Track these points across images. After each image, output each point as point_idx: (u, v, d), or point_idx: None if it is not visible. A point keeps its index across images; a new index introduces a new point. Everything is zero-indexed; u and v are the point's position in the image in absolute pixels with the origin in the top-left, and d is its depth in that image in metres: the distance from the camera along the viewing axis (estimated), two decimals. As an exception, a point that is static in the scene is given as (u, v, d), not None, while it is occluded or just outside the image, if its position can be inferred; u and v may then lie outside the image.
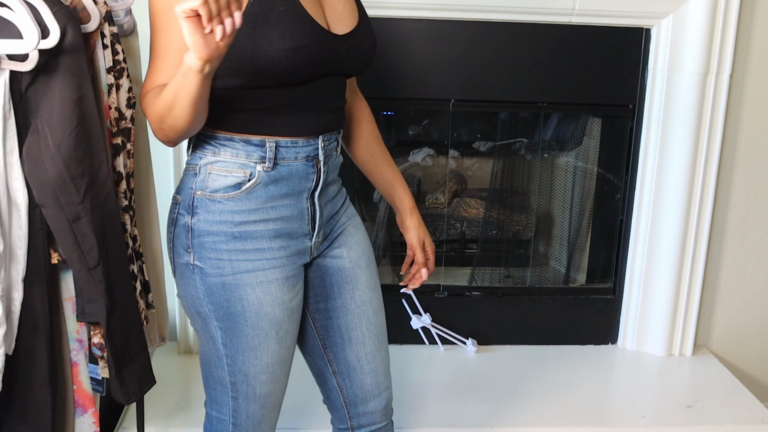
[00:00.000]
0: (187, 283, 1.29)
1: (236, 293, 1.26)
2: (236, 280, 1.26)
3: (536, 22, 2.16)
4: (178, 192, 1.31)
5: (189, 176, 1.29)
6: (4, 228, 1.31)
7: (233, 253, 1.25)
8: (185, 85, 1.09)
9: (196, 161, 1.28)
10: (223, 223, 1.24)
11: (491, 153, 2.54)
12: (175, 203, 1.31)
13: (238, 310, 1.27)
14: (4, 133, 1.27)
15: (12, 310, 1.34)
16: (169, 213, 1.32)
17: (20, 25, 1.20)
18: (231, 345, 1.31)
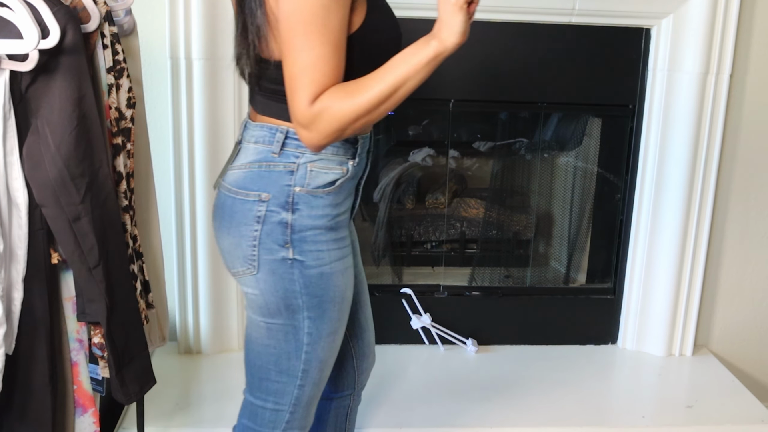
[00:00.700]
0: (280, 278, 1.29)
1: (331, 281, 1.30)
2: (332, 269, 1.30)
3: (536, 22, 2.16)
4: (263, 189, 1.26)
5: (281, 174, 1.25)
6: (4, 228, 1.31)
7: (330, 243, 1.29)
8: (423, 72, 1.16)
9: (292, 159, 1.25)
10: (324, 216, 1.27)
11: (491, 153, 2.54)
12: (260, 200, 1.26)
13: (331, 297, 1.31)
14: (4, 133, 1.27)
15: (12, 310, 1.35)
16: (244, 211, 1.27)
17: (20, 25, 1.20)
18: (316, 333, 1.33)
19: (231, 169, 1.30)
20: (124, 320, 1.46)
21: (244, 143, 1.30)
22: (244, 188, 1.26)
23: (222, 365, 2.23)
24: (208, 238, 2.20)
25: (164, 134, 2.13)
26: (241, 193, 1.27)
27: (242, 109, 2.16)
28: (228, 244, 1.31)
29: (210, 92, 2.10)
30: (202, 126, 2.11)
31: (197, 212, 2.18)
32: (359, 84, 1.14)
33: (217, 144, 2.14)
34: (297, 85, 1.12)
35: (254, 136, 1.28)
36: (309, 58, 1.11)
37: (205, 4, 2.03)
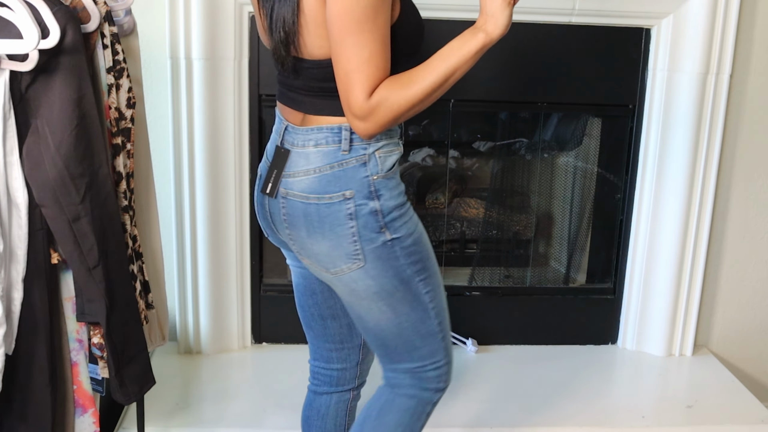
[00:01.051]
0: (387, 260, 1.35)
1: (422, 241, 1.39)
2: (419, 232, 1.39)
3: (536, 22, 2.16)
4: (344, 188, 1.30)
5: (356, 168, 1.30)
6: (4, 228, 1.31)
7: (409, 213, 1.37)
8: (470, 63, 1.28)
9: (362, 152, 1.30)
10: (400, 194, 1.35)
11: (491, 153, 2.53)
12: (346, 199, 1.30)
13: (428, 254, 1.40)
14: (4, 133, 1.27)
15: (12, 310, 1.35)
16: (334, 213, 1.31)
17: (20, 25, 1.20)
18: (431, 288, 1.40)
19: (294, 176, 1.32)
20: (123, 320, 1.46)
21: (298, 149, 1.32)
22: (324, 192, 1.30)
23: (222, 365, 2.23)
24: (208, 238, 2.20)
25: (164, 134, 2.13)
26: (324, 198, 1.30)
27: (242, 109, 2.16)
28: (326, 248, 1.34)
29: (210, 92, 2.10)
30: (202, 126, 2.11)
31: (197, 212, 2.18)
32: (411, 75, 1.22)
33: (217, 144, 2.14)
34: (353, 80, 1.18)
35: (313, 139, 1.31)
36: (363, 54, 1.17)
37: (205, 4, 2.03)
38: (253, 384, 2.14)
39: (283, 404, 2.01)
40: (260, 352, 2.32)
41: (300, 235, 1.35)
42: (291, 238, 1.37)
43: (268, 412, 1.98)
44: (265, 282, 2.35)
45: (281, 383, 2.12)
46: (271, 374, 2.18)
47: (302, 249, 1.37)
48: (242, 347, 2.33)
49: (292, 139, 1.34)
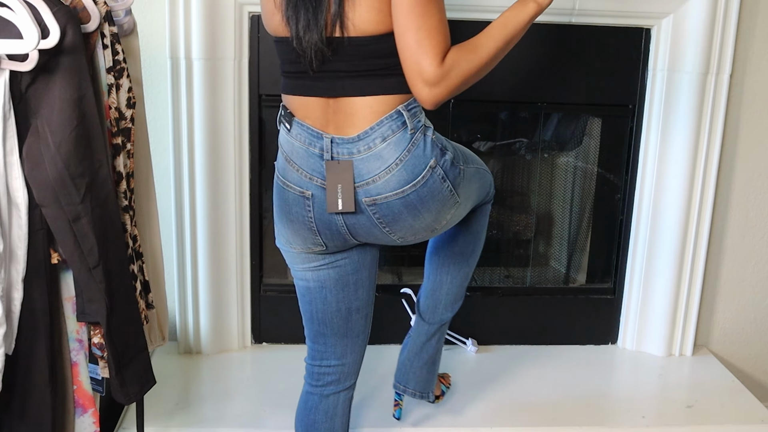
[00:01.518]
0: (466, 183, 1.48)
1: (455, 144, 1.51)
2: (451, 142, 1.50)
3: (536, 22, 2.15)
4: (428, 161, 1.36)
5: (423, 140, 1.36)
6: (4, 228, 1.31)
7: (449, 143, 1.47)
8: (523, 32, 1.37)
9: (418, 124, 1.36)
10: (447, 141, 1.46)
11: (491, 153, 2.53)
12: (432, 168, 1.37)
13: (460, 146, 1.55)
14: (4, 133, 1.27)
15: (12, 310, 1.35)
16: (432, 184, 1.38)
17: (20, 25, 1.20)
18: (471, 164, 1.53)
19: (375, 181, 1.35)
20: (123, 320, 1.46)
21: (363, 154, 1.34)
22: (415, 177, 1.35)
23: (222, 365, 2.23)
24: (208, 238, 2.20)
25: (164, 134, 2.13)
26: (418, 181, 1.36)
27: (242, 109, 2.16)
28: (433, 216, 1.42)
29: (210, 92, 2.10)
30: (202, 126, 2.11)
31: (197, 212, 2.18)
32: (476, 42, 1.31)
33: (217, 144, 2.14)
34: (426, 47, 1.24)
35: (378, 136, 1.33)
36: (433, 22, 1.25)
37: (205, 4, 2.03)
38: (253, 384, 2.14)
39: (283, 404, 2.01)
40: (260, 352, 2.32)
41: (405, 224, 1.40)
42: (389, 233, 1.42)
43: (268, 412, 1.98)
44: (265, 282, 2.35)
45: (281, 383, 2.12)
46: (271, 374, 2.18)
47: (407, 233, 1.42)
48: (242, 347, 2.33)
49: (349, 148, 1.34)
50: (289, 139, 1.42)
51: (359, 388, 2.09)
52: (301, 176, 1.40)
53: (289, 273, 2.46)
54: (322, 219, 1.41)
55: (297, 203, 1.42)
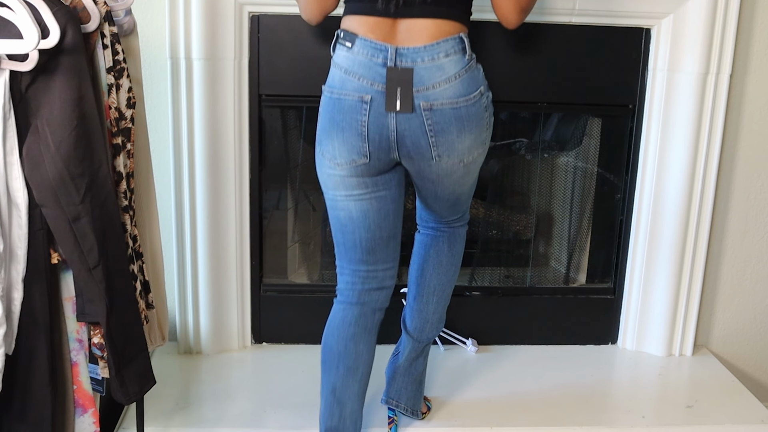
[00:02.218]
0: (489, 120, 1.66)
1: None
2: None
3: (536, 22, 2.16)
4: (478, 86, 1.58)
5: (477, 68, 1.58)
6: (4, 228, 1.31)
7: None
8: None
9: (472, 54, 1.57)
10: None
11: (491, 153, 2.53)
12: (481, 95, 1.59)
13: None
14: (4, 133, 1.27)
15: (12, 310, 1.35)
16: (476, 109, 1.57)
17: (20, 25, 1.20)
18: None
19: (435, 88, 1.51)
20: (123, 320, 1.46)
21: (427, 63, 1.50)
22: (468, 93, 1.54)
23: (222, 365, 2.23)
24: (208, 238, 2.20)
25: (164, 134, 2.13)
26: (470, 98, 1.55)
27: (242, 109, 2.16)
28: (470, 141, 1.59)
29: (210, 92, 2.10)
30: (202, 126, 2.11)
31: (197, 212, 2.18)
32: None
33: (217, 144, 2.14)
34: None
35: (442, 51, 1.50)
36: None
37: (205, 4, 2.03)
38: (253, 384, 2.14)
39: (283, 404, 2.01)
40: (260, 352, 2.32)
41: (449, 138, 1.55)
42: (434, 145, 1.55)
43: (268, 412, 1.98)
44: (265, 282, 2.35)
45: (281, 383, 2.12)
46: (271, 374, 2.18)
47: (446, 151, 1.57)
48: (242, 347, 2.33)
49: (413, 57, 1.50)
50: (349, 55, 1.53)
51: (359, 388, 2.09)
52: (362, 83, 1.52)
53: (289, 273, 2.47)
54: (376, 123, 1.53)
55: (353, 108, 1.53)
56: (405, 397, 1.93)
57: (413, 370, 1.93)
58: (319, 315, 2.33)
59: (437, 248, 1.86)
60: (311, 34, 2.12)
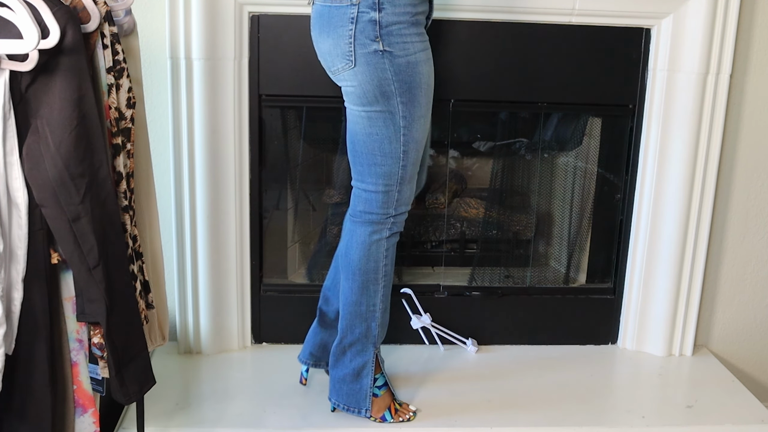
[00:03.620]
0: (374, 68, 1.60)
1: (417, 69, 1.62)
2: (416, 58, 1.62)
3: (536, 22, 2.16)
4: None
5: None
6: (4, 228, 1.31)
7: (413, 36, 1.61)
8: None
9: None
10: (406, 14, 1.59)
11: (491, 153, 2.53)
12: (351, 4, 1.56)
13: (418, 83, 1.63)
14: (4, 133, 1.27)
15: (12, 310, 1.35)
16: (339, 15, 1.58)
17: (20, 25, 1.20)
18: (409, 116, 1.64)
19: None
20: (123, 320, 1.46)
21: None
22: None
23: (222, 365, 2.23)
24: (208, 238, 2.20)
25: (164, 134, 2.13)
26: (335, 0, 1.57)
27: (242, 109, 2.16)
28: (328, 46, 1.61)
29: (210, 92, 2.10)
30: (202, 126, 2.11)
31: (197, 212, 2.18)
32: None
33: (217, 144, 2.14)
34: None
35: None
36: None
37: (205, 4, 2.03)
38: (253, 384, 2.14)
39: (283, 404, 2.01)
40: (260, 352, 2.32)
41: (314, 34, 1.65)
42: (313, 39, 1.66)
43: (268, 412, 1.98)
44: (265, 282, 2.35)
45: (281, 383, 2.12)
46: (271, 374, 2.18)
47: (316, 48, 1.65)
48: (242, 347, 2.33)
49: None
50: None
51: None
52: None
53: (289, 273, 2.47)
54: None
55: None
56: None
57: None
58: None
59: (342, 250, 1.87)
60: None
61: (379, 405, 1.92)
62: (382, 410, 1.92)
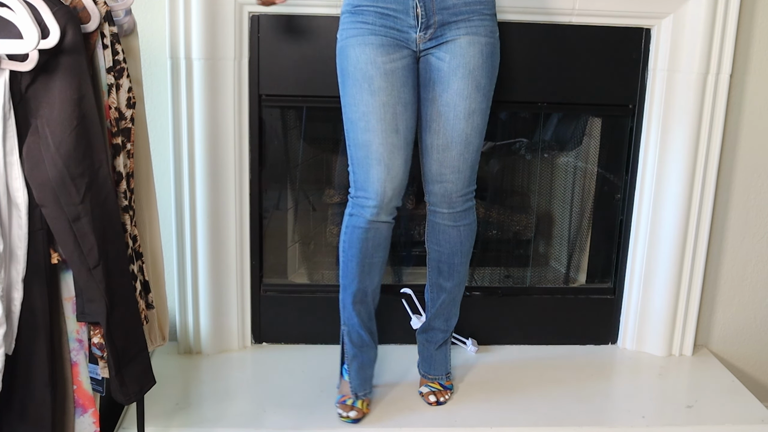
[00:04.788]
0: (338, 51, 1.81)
1: (345, 52, 1.77)
2: (346, 43, 1.77)
3: (536, 22, 2.16)
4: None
5: None
6: (4, 228, 1.31)
7: (349, 23, 1.77)
8: None
9: None
10: (348, 4, 1.78)
11: (491, 153, 2.54)
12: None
13: (344, 67, 1.77)
14: (4, 133, 1.27)
15: (12, 310, 1.35)
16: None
17: (20, 25, 1.20)
18: (344, 95, 1.79)
19: None
20: (123, 320, 1.46)
21: None
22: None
23: (222, 365, 2.23)
24: (208, 238, 2.20)
25: (164, 134, 2.13)
26: None
27: (242, 109, 2.16)
28: None
29: (210, 92, 2.10)
30: (202, 126, 2.11)
31: (197, 212, 2.18)
32: None
33: (217, 144, 2.14)
34: None
35: None
36: None
37: (205, 4, 2.03)
38: (253, 384, 2.14)
39: (283, 404, 2.01)
40: (260, 352, 2.32)
41: None
42: None
43: (268, 412, 1.98)
44: (265, 282, 2.35)
45: (281, 383, 2.12)
46: (271, 374, 2.18)
47: None
48: (242, 347, 2.33)
49: None
50: None
51: (359, 388, 2.09)
52: None
53: (289, 273, 2.47)
54: None
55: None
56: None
57: None
58: (319, 315, 2.34)
59: None
60: (311, 34, 2.12)
61: (342, 387, 2.00)
62: (340, 393, 1.99)
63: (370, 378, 2.03)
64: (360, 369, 1.98)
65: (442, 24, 1.75)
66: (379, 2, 1.74)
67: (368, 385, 2.01)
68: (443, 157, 1.84)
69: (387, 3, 1.74)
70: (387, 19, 1.74)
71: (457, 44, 1.76)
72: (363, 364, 1.99)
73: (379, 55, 1.73)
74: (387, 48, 1.74)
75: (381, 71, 1.73)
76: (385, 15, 1.74)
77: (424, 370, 2.10)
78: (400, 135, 1.77)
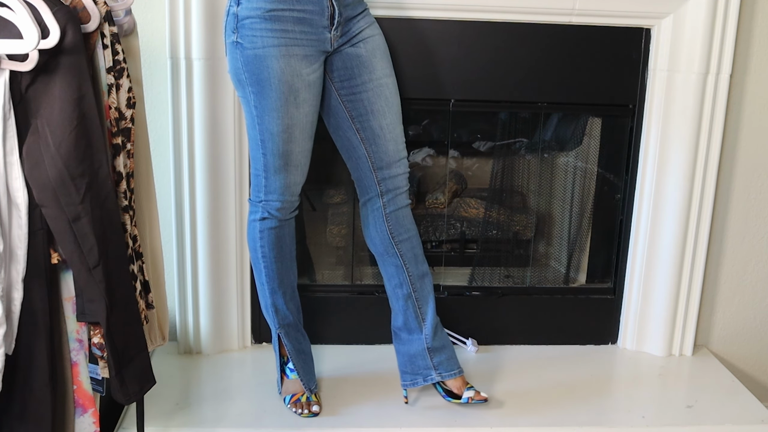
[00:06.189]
0: (233, 58, 1.76)
1: (265, 63, 1.72)
2: (264, 52, 1.71)
3: (536, 22, 2.16)
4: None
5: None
6: (4, 228, 1.31)
7: (265, 31, 1.71)
8: None
9: None
10: (258, 9, 1.70)
11: (491, 153, 2.54)
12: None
13: (266, 77, 1.73)
14: (4, 133, 1.27)
15: (12, 310, 1.35)
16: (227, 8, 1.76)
17: (20, 25, 1.20)
18: (260, 107, 1.76)
19: None
20: (123, 320, 1.46)
21: None
22: None
23: (222, 365, 2.23)
24: (208, 238, 2.20)
25: (164, 134, 2.13)
26: None
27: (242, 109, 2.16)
28: None
29: (210, 92, 2.10)
30: (202, 126, 2.11)
31: (197, 212, 2.18)
32: None
33: (217, 144, 2.14)
34: None
35: None
36: None
37: (205, 4, 2.03)
38: (253, 384, 2.14)
39: (283, 404, 2.01)
40: (260, 352, 2.32)
41: None
42: None
43: (268, 412, 1.98)
44: (265, 282, 2.35)
45: (281, 383, 2.12)
46: (271, 374, 2.18)
47: None
48: (242, 347, 2.33)
49: None
50: None
51: (359, 387, 2.09)
52: None
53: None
54: None
55: None
56: None
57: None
58: (319, 315, 2.34)
59: None
60: (311, 34, 2.12)
61: (287, 387, 2.01)
62: (288, 393, 2.00)
63: (314, 371, 2.06)
64: (305, 364, 2.02)
65: (348, 19, 1.81)
66: (296, 5, 1.72)
67: (315, 378, 2.04)
68: (395, 134, 1.88)
69: (303, 5, 1.73)
70: (304, 25, 1.74)
71: (366, 33, 1.84)
72: (306, 358, 2.03)
73: (304, 66, 1.75)
74: (310, 59, 1.76)
75: (305, 83, 1.76)
76: (302, 20, 1.73)
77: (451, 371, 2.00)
78: (312, 139, 1.85)
